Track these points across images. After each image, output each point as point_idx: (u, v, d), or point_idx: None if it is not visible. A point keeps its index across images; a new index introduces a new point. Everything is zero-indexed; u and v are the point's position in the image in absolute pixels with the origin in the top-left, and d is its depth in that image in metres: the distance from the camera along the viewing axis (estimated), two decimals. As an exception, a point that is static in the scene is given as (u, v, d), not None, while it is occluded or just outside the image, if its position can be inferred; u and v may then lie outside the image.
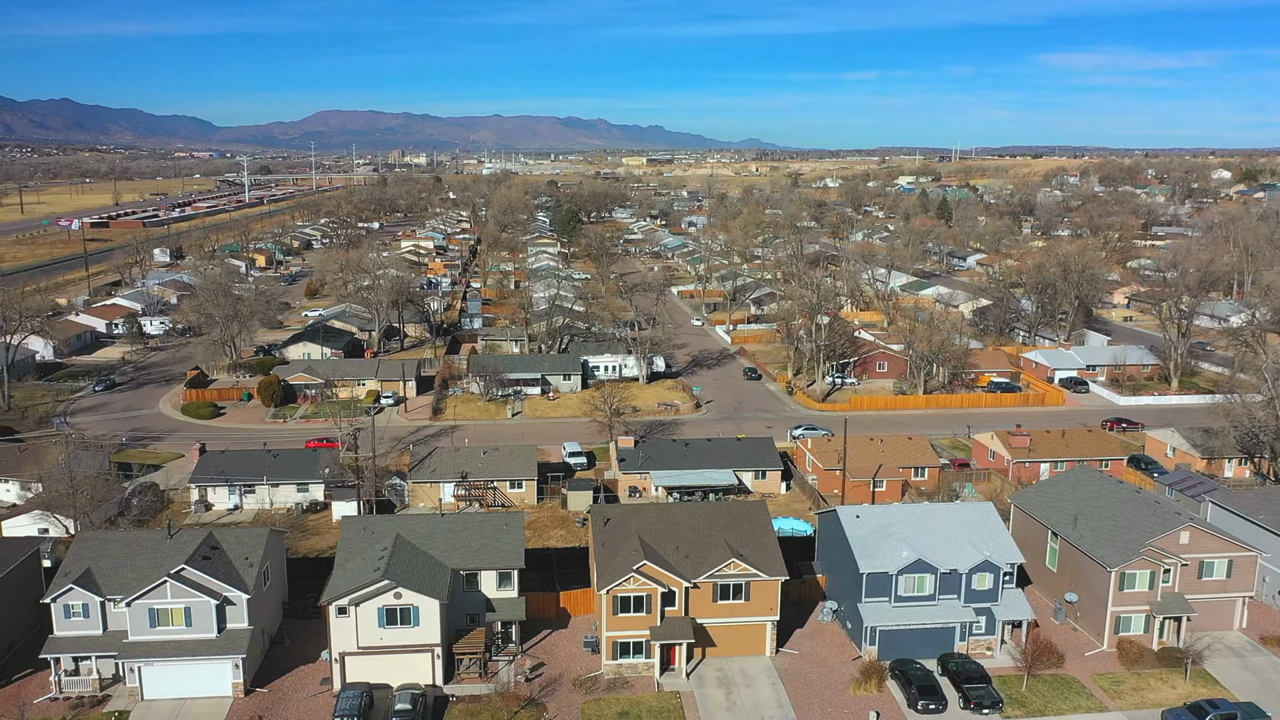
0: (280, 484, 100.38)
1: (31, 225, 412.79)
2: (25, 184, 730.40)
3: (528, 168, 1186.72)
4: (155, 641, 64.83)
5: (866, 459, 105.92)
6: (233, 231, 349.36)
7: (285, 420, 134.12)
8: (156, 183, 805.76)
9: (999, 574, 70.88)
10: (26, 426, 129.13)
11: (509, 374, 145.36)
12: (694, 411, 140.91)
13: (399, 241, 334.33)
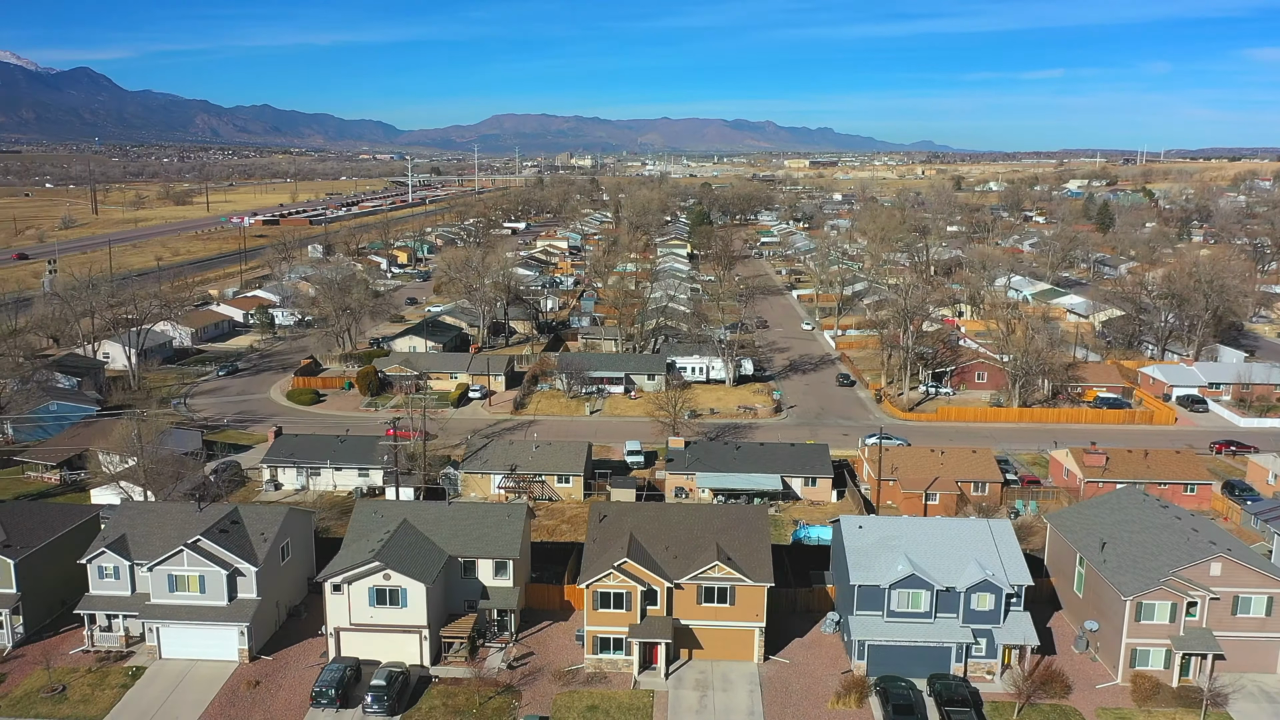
0: (343, 468, 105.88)
1: (211, 222, 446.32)
2: (220, 184, 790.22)
3: (689, 170, 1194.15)
4: (173, 605, 70.11)
5: (923, 470, 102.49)
6: (387, 230, 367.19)
7: (376, 409, 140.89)
8: (333, 183, 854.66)
9: (1001, 595, 67.63)
10: (149, 406, 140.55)
11: (592, 372, 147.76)
12: (772, 415, 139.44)
13: (535, 241, 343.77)
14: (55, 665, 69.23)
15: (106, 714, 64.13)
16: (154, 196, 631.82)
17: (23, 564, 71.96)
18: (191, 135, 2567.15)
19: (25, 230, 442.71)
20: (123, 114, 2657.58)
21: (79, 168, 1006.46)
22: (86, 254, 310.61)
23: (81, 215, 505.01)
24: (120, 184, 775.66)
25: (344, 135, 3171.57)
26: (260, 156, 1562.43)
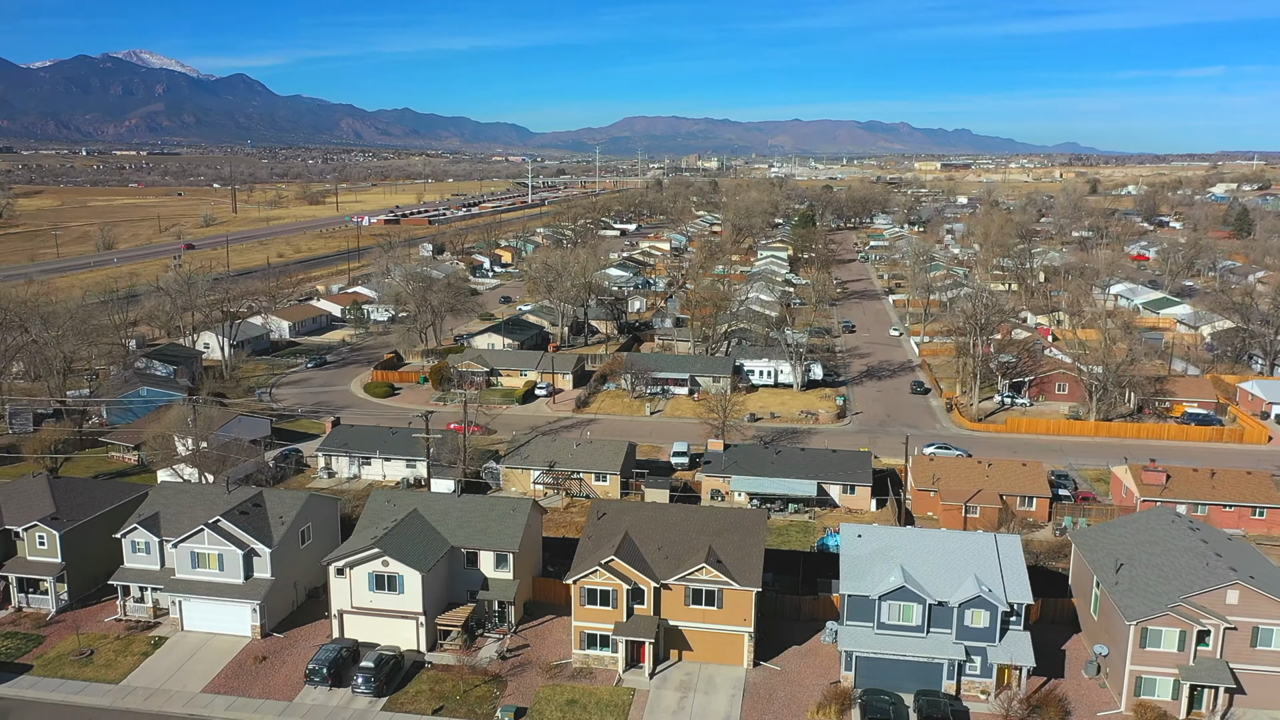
0: (391, 459, 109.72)
1: (337, 221, 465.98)
2: (355, 185, 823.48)
3: (815, 172, 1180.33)
4: (194, 580, 74.41)
5: (965, 482, 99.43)
6: (490, 231, 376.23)
7: (445, 403, 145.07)
8: (458, 184, 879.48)
9: (996, 612, 65.30)
10: (236, 394, 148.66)
11: (657, 372, 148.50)
12: (834, 422, 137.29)
13: (639, 242, 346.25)
14: (91, 631, 74.43)
15: (124, 678, 68.62)
16: (292, 196, 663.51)
17: (67, 536, 77.54)
18: (336, 138, 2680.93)
19: (170, 227, 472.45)
20: (274, 117, 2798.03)
21: (230, 169, 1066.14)
22: (215, 250, 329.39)
23: (222, 214, 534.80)
24: (265, 184, 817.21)
25: (479, 138, 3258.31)
26: (398, 158, 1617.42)
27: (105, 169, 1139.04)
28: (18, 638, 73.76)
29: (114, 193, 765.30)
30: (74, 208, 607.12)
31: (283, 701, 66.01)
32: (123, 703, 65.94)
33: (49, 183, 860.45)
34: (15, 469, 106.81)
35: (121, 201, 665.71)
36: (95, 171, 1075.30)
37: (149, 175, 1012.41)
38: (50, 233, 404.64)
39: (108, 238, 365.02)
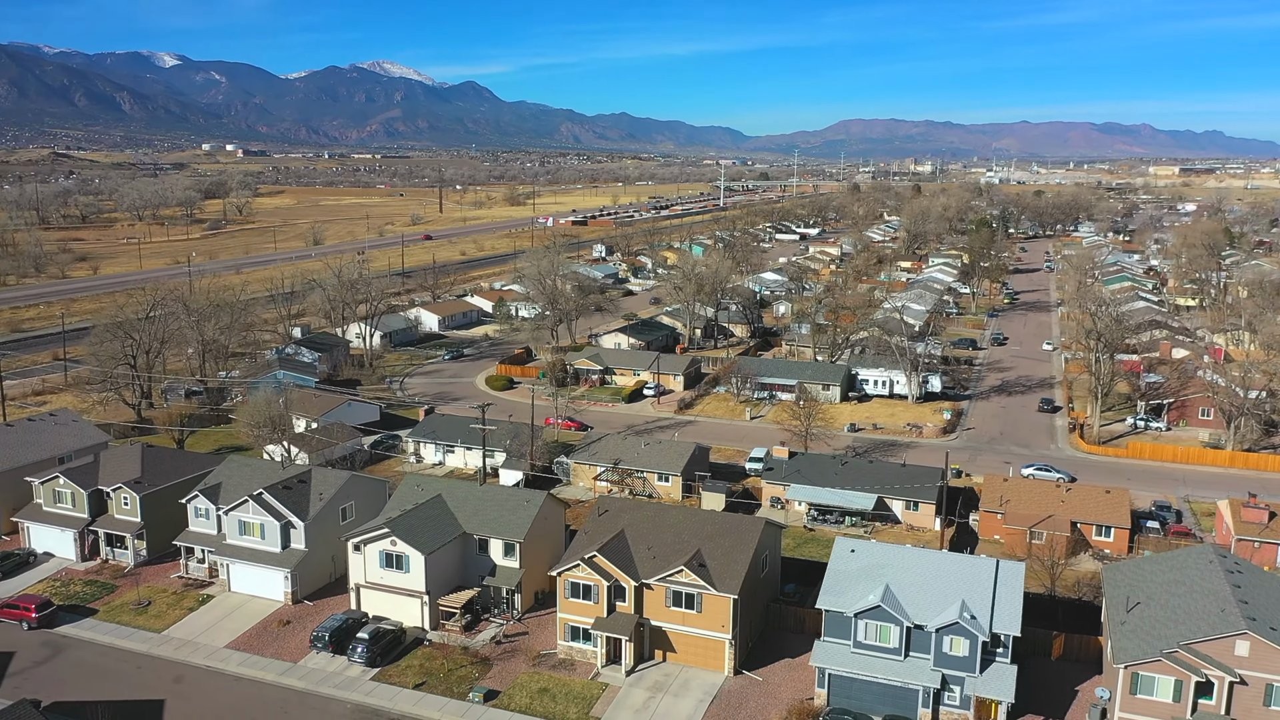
0: (473, 448, 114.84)
1: (527, 222, 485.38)
2: (557, 187, 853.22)
3: (1036, 177, 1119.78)
4: (240, 546, 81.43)
5: (1036, 506, 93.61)
6: (675, 234, 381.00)
7: (555, 399, 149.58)
8: (657, 187, 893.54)
9: (976, 641, 61.80)
10: (370, 382, 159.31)
11: (764, 378, 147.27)
12: (940, 436, 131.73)
13: (809, 247, 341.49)
14: (154, 585, 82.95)
15: (166, 629, 76.19)
16: (500, 198, 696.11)
17: (146, 499, 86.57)
18: (556, 142, 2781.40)
19: (385, 225, 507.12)
20: (499, 122, 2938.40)
21: (452, 171, 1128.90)
22: (409, 246, 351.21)
23: (429, 214, 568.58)
24: (480, 186, 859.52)
25: (693, 141, 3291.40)
26: (611, 161, 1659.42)
27: (343, 171, 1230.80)
28: (96, 585, 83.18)
29: (344, 193, 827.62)
30: (306, 206, 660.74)
31: (288, 663, 71.38)
32: (156, 650, 73.29)
33: (291, 183, 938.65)
34: (149, 439, 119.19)
35: (349, 201, 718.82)
36: (333, 173, 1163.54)
37: (378, 177, 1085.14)
38: (277, 228, 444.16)
39: (318, 234, 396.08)
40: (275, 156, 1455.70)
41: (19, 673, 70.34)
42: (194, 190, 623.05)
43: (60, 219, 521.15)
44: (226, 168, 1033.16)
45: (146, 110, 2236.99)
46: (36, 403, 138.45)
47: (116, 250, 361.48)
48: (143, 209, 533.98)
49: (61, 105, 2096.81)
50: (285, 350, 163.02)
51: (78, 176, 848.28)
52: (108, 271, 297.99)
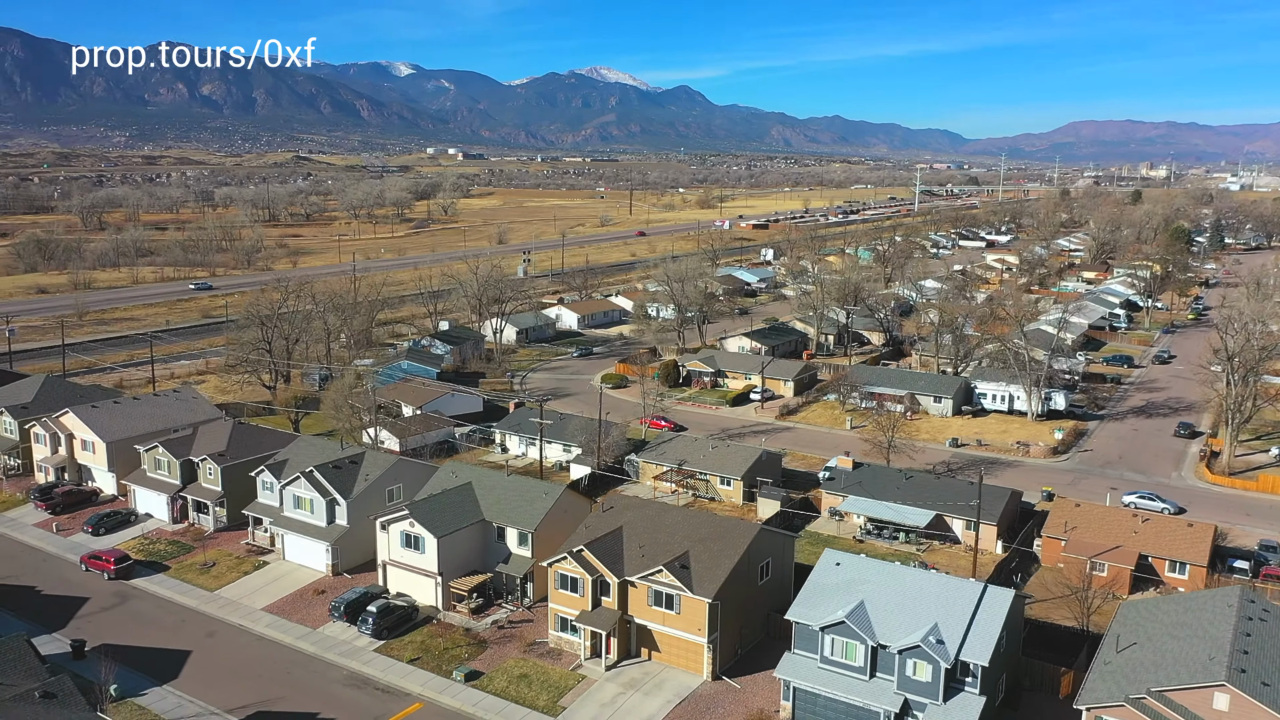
0: (552, 442, 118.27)
1: (706, 225, 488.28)
2: (751, 190, 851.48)
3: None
4: (293, 519, 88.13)
5: (1104, 535, 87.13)
6: (844, 238, 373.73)
7: (663, 399, 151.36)
8: (848, 191, 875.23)
9: (939, 668, 58.81)
10: (495, 375, 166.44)
11: (873, 387, 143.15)
12: (1050, 457, 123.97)
13: (986, 254, 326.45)
14: (222, 549, 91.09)
15: (218, 590, 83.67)
16: (694, 201, 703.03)
17: (226, 470, 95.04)
18: (766, 145, 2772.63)
19: (576, 227, 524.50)
20: (710, 126, 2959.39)
21: (655, 174, 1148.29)
22: (581, 248, 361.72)
23: (619, 215, 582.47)
24: (683, 189, 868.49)
25: (908, 144, 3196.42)
26: (819, 165, 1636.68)
27: (553, 173, 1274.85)
28: (177, 545, 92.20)
29: (547, 194, 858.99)
30: (511, 207, 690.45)
31: (308, 629, 76.87)
32: (203, 607, 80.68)
33: (503, 185, 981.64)
34: (269, 420, 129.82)
35: (551, 202, 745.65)
36: (543, 176, 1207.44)
37: (585, 179, 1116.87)
38: (477, 228, 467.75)
39: (502, 234, 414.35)
40: (492, 160, 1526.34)
41: (86, 615, 79.25)
42: (406, 191, 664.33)
43: (288, 216, 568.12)
44: (445, 170, 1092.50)
45: (382, 116, 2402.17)
46: (197, 381, 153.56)
47: (328, 246, 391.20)
48: (358, 208, 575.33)
49: (309, 113, 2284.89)
50: (421, 342, 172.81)
51: (313, 178, 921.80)
52: (306, 265, 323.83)
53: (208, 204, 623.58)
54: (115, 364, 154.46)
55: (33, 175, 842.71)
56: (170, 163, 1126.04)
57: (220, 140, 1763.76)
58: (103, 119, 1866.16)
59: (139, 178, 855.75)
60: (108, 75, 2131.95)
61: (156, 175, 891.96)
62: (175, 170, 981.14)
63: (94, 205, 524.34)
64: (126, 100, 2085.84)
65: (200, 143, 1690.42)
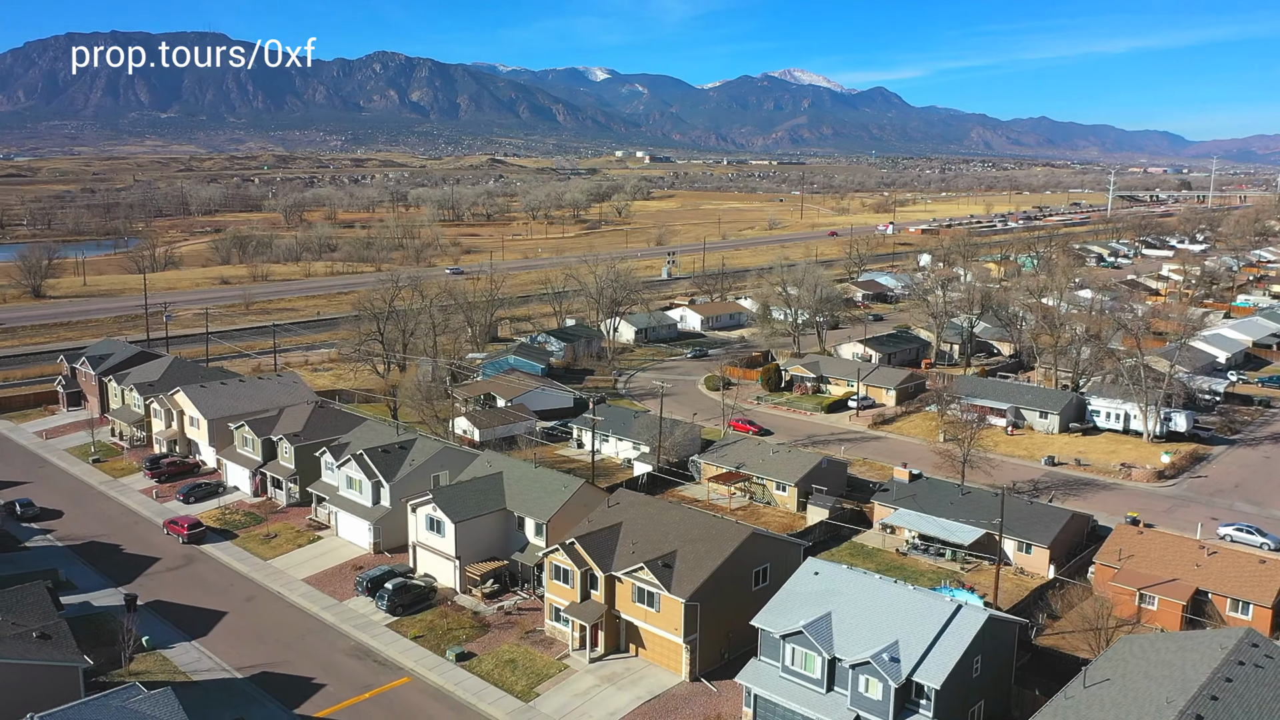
0: (624, 439, 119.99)
1: (867, 230, 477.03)
2: (952, 194, 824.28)
3: None
4: (345, 498, 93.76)
5: (1163, 567, 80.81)
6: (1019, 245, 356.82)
7: (758, 402, 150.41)
8: (1038, 196, 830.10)
9: (889, 687, 56.67)
10: (603, 372, 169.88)
11: (974, 399, 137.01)
12: (1154, 481, 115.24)
13: (1162, 265, 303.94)
14: (287, 523, 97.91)
15: (271, 559, 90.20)
16: (872, 206, 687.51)
17: (299, 450, 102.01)
18: (964, 148, 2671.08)
19: (744, 229, 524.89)
20: (905, 129, 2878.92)
21: (841, 178, 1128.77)
22: (737, 250, 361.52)
23: (788, 219, 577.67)
24: (869, 193, 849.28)
25: (1122, 147, 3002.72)
26: (1018, 169, 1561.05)
27: (738, 176, 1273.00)
28: (250, 517, 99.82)
29: (727, 197, 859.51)
30: (688, 209, 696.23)
31: (334, 601, 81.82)
32: (254, 574, 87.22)
33: (684, 188, 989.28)
34: (372, 407, 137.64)
35: (727, 205, 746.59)
36: (727, 179, 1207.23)
37: (770, 183, 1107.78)
38: (643, 230, 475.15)
39: (662, 235, 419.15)
40: (678, 163, 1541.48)
41: (152, 573, 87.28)
42: (584, 193, 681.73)
43: (470, 216, 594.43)
44: (629, 173, 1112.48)
45: (577, 120, 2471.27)
46: (325, 368, 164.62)
47: (499, 244, 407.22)
48: (537, 209, 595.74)
49: (508, 117, 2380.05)
50: (537, 339, 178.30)
51: (503, 180, 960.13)
52: (467, 261, 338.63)
53: (401, 204, 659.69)
54: (253, 351, 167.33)
55: (253, 177, 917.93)
56: (376, 165, 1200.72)
57: (425, 144, 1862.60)
58: (322, 124, 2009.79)
59: (345, 179, 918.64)
60: (329, 84, 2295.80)
61: (360, 177, 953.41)
62: (379, 172, 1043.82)
63: (296, 204, 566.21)
64: (344, 107, 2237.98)
65: (407, 146, 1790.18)
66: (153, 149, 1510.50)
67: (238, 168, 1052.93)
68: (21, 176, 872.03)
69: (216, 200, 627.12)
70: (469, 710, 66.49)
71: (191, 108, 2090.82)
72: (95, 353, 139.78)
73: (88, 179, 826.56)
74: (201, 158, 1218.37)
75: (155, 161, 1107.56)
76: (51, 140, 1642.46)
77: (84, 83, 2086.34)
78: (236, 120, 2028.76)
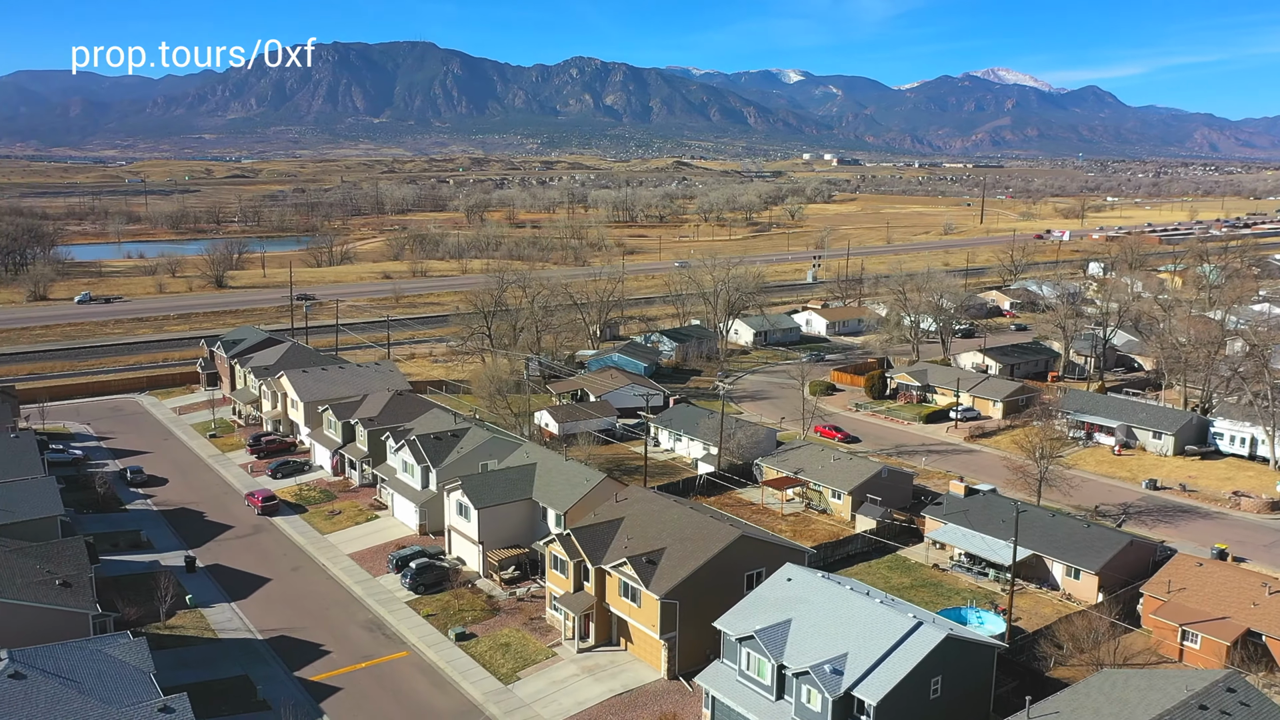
0: (695, 439, 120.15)
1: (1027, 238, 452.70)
2: (1164, 199, 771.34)
3: None
4: (400, 481, 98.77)
5: (1220, 604, 74.24)
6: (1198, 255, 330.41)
7: (857, 409, 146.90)
8: (1253, 202, 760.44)
9: (827, 700, 55.06)
10: (709, 372, 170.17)
11: (1082, 415, 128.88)
12: (1266, 512, 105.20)
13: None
14: (353, 501, 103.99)
15: (328, 534, 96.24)
16: (1064, 210, 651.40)
17: (372, 434, 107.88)
18: (1186, 150, 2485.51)
19: (920, 234, 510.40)
20: (1119, 129, 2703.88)
21: (1040, 182, 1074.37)
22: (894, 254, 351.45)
23: (967, 224, 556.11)
24: (1061, 198, 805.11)
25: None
26: (1245, 172, 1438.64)
27: (929, 180, 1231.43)
28: (323, 494, 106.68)
29: (910, 200, 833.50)
30: (868, 213, 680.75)
31: (368, 576, 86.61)
32: (307, 547, 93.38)
33: (870, 191, 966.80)
34: (472, 398, 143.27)
35: (911, 209, 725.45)
36: (916, 182, 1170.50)
37: (961, 187, 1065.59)
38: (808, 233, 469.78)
39: (823, 239, 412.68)
40: (867, 166, 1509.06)
41: (223, 539, 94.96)
42: (760, 196, 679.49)
43: (643, 218, 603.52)
44: (815, 176, 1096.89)
45: (767, 123, 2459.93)
46: (447, 359, 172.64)
47: (664, 246, 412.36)
48: (710, 211, 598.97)
49: (699, 120, 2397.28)
50: (650, 338, 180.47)
51: (686, 182, 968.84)
52: (632, 261, 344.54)
53: (579, 205, 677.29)
54: (378, 342, 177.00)
55: (448, 178, 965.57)
56: (564, 167, 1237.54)
57: (617, 147, 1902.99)
58: (519, 128, 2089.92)
59: (533, 181, 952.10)
60: (527, 89, 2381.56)
61: (546, 179, 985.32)
62: (566, 174, 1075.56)
63: (478, 204, 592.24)
64: (541, 111, 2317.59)
65: (599, 149, 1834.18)
66: (364, 152, 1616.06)
67: (435, 170, 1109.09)
68: (244, 177, 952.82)
69: (409, 200, 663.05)
70: (450, 687, 69.15)
71: (401, 113, 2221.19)
72: (230, 338, 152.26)
73: (301, 180, 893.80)
74: (404, 160, 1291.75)
75: (362, 164, 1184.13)
76: (277, 144, 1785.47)
77: (307, 91, 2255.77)
78: (441, 125, 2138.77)
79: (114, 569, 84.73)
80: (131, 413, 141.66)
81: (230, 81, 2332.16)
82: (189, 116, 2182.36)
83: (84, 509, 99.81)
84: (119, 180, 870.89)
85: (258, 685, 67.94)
